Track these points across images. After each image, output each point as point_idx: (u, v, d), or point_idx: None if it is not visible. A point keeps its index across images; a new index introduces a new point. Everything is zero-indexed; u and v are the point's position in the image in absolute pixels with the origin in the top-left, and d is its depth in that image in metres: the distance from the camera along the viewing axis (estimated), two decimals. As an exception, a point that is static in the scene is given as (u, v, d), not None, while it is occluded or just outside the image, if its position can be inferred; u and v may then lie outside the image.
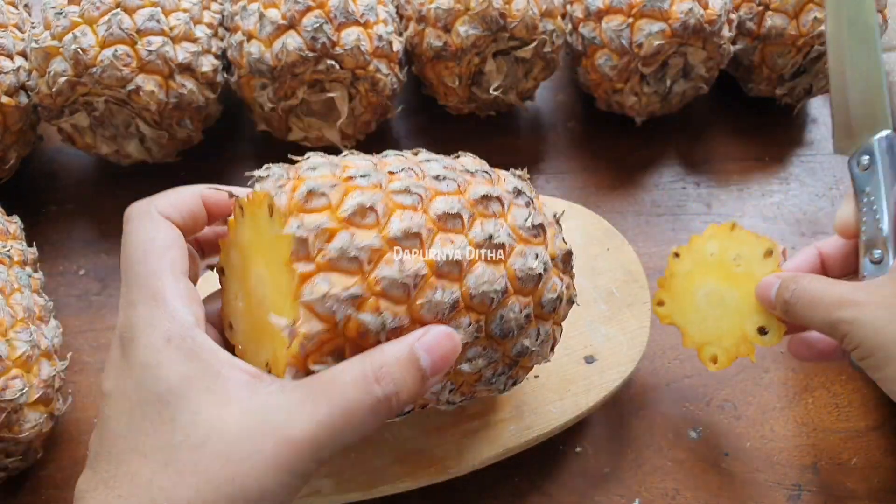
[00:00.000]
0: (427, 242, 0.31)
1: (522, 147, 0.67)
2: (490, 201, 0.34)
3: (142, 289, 0.32)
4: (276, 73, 0.55)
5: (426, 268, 0.31)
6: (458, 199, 0.33)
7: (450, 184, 0.34)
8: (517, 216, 0.35)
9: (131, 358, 0.30)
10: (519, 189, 0.37)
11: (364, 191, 0.31)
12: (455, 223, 0.32)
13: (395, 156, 0.36)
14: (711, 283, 0.47)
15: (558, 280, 0.36)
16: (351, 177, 0.32)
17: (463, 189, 0.34)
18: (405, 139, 0.68)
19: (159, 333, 0.30)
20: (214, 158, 0.65)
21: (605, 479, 0.49)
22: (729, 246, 0.47)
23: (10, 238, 0.51)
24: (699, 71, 0.62)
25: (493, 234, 0.33)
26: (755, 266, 0.46)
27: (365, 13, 0.56)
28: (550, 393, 0.45)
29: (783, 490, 0.49)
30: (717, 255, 0.48)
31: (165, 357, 0.30)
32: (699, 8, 0.57)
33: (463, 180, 0.35)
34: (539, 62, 0.62)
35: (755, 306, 0.46)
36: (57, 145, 0.66)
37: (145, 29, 0.54)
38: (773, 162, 0.67)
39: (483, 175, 0.36)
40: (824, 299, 0.37)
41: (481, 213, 0.34)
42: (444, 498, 0.48)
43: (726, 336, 0.46)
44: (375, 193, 0.31)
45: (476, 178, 0.36)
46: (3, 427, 0.43)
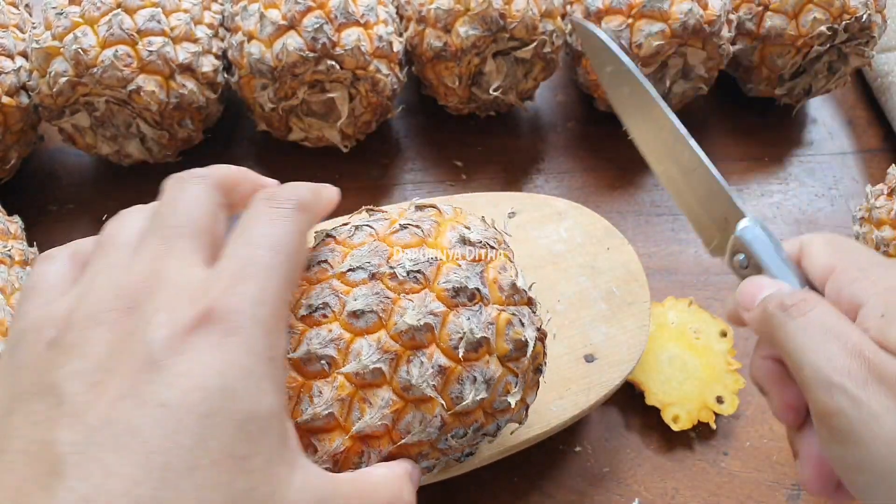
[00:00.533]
0: (349, 409, 0.31)
1: (522, 147, 0.67)
2: (417, 332, 0.31)
3: (271, 280, 0.26)
4: (277, 73, 0.55)
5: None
6: (376, 344, 0.31)
7: (369, 319, 0.31)
8: (452, 334, 0.31)
9: (228, 350, 0.24)
10: (459, 287, 0.32)
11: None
12: (376, 377, 0.31)
13: (318, 265, 0.33)
14: (675, 349, 0.52)
15: (512, 378, 0.34)
16: None
17: (383, 320, 0.31)
18: (405, 139, 0.68)
19: (268, 343, 0.26)
20: (215, 158, 0.65)
21: (605, 479, 0.49)
22: (688, 320, 0.53)
23: (10, 238, 0.51)
24: (699, 71, 0.62)
25: (413, 384, 0.31)
26: (713, 341, 0.52)
27: (365, 14, 0.56)
28: (550, 392, 0.45)
29: (783, 490, 0.49)
30: (677, 324, 0.53)
31: (266, 376, 0.25)
32: (698, 8, 0.57)
33: (384, 304, 0.31)
34: (539, 62, 0.62)
35: (714, 376, 0.51)
36: (57, 145, 0.66)
37: (146, 29, 0.54)
38: (772, 162, 0.67)
39: (413, 279, 0.32)
40: (841, 350, 0.28)
41: (409, 345, 0.31)
42: (444, 498, 0.48)
43: (688, 399, 0.50)
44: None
45: (404, 287, 0.32)
46: (4, 426, 0.43)
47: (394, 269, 0.31)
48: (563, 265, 0.51)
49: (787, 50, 0.62)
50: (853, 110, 0.71)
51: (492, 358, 0.32)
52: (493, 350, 0.32)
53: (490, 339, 0.32)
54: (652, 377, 0.51)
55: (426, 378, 0.30)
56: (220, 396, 0.23)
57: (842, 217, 0.63)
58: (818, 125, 0.70)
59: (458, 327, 0.31)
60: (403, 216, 0.35)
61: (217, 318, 0.24)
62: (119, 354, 0.24)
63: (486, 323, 0.32)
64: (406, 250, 0.32)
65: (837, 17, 0.59)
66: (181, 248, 0.27)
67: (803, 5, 0.60)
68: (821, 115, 0.71)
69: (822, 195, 0.65)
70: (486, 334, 0.31)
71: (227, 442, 0.23)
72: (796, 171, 0.66)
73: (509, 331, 0.32)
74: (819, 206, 0.64)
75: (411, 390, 0.30)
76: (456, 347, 0.31)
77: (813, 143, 0.68)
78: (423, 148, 0.67)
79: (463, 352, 0.31)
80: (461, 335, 0.31)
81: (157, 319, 0.24)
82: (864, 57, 0.63)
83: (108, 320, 0.25)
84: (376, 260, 0.32)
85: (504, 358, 0.33)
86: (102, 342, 0.24)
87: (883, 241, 0.52)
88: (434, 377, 0.30)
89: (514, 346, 0.33)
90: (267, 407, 0.25)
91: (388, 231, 0.34)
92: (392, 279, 0.31)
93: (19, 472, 0.22)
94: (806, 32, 0.60)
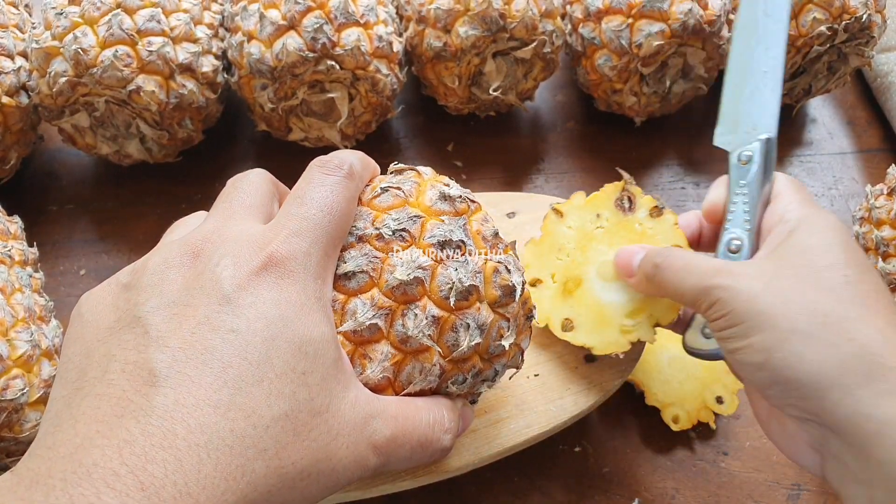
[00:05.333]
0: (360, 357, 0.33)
1: (522, 147, 0.67)
2: (409, 285, 0.32)
3: (321, 239, 0.31)
4: (277, 73, 0.55)
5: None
6: (370, 301, 0.32)
7: (360, 279, 0.32)
8: (441, 285, 0.32)
9: (284, 289, 0.29)
10: (444, 240, 0.33)
11: None
12: (373, 333, 0.32)
13: None
14: (674, 349, 0.51)
15: (504, 323, 0.35)
16: None
17: (374, 279, 0.33)
18: (405, 139, 0.68)
19: (316, 287, 0.30)
20: (214, 158, 0.65)
21: (605, 479, 0.49)
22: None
23: (10, 238, 0.51)
24: (698, 71, 0.62)
25: (411, 335, 0.32)
26: None
27: (365, 14, 0.56)
28: (550, 392, 0.45)
29: (782, 489, 0.49)
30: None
31: (316, 310, 0.30)
32: (698, 8, 0.57)
33: (374, 263, 0.33)
34: (539, 62, 0.62)
35: (714, 377, 0.50)
36: (57, 145, 0.66)
37: (146, 29, 0.54)
38: (772, 162, 0.67)
39: (400, 237, 0.33)
40: (700, 267, 0.36)
41: (402, 299, 0.32)
42: (444, 497, 0.48)
43: (688, 400, 0.50)
44: None
45: (391, 246, 0.33)
46: (4, 427, 0.43)
47: (379, 229, 0.33)
48: (563, 265, 0.51)
49: (787, 50, 0.62)
50: (853, 110, 0.71)
51: (482, 304, 0.33)
52: (483, 297, 0.33)
53: (479, 287, 0.33)
54: (652, 377, 0.51)
55: (421, 329, 0.32)
56: (280, 323, 0.28)
57: (842, 217, 0.63)
58: (818, 125, 0.70)
59: (448, 278, 0.32)
60: (384, 180, 0.36)
61: (275, 263, 0.29)
62: (191, 291, 0.28)
63: (474, 272, 0.33)
64: (390, 212, 0.33)
65: (837, 17, 0.59)
66: (241, 215, 0.32)
67: (803, 5, 0.60)
68: (821, 115, 0.71)
69: (822, 195, 0.65)
70: (474, 282, 0.33)
71: (287, 359, 0.28)
72: (796, 170, 0.66)
73: (496, 278, 0.34)
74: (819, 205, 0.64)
75: (409, 342, 0.32)
76: (447, 297, 0.32)
77: (813, 143, 0.68)
78: (423, 148, 0.67)
79: (454, 301, 0.32)
80: (451, 285, 0.32)
81: (224, 262, 0.29)
82: (864, 57, 0.63)
83: (178, 264, 0.30)
84: (361, 223, 0.33)
85: (494, 304, 0.34)
86: (176, 282, 0.29)
87: (883, 240, 0.52)
88: (429, 327, 0.32)
89: (503, 292, 0.34)
90: (319, 334, 0.29)
91: (371, 196, 0.35)
92: (379, 240, 0.33)
93: (120, 386, 0.26)
94: (806, 32, 0.60)
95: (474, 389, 0.36)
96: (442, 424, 0.33)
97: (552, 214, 0.47)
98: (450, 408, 0.34)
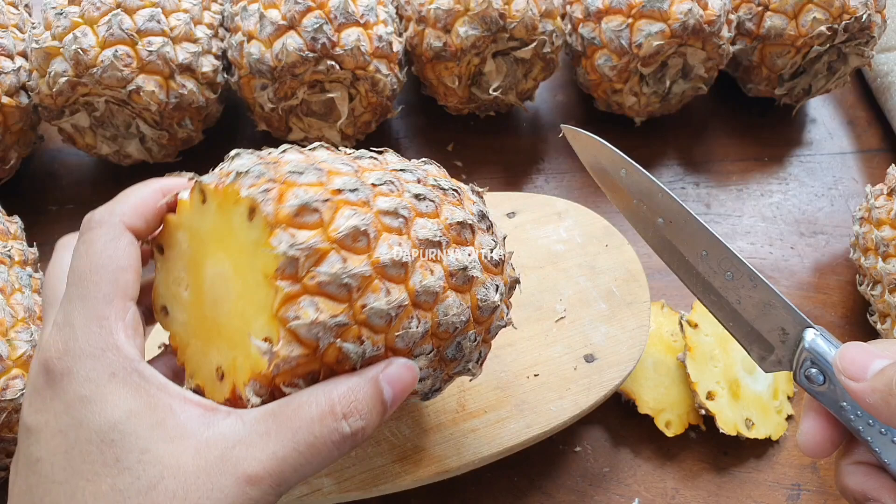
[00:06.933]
0: (411, 270, 0.30)
1: (522, 147, 0.67)
2: (464, 228, 0.33)
3: (87, 310, 0.28)
4: (277, 73, 0.55)
5: (408, 298, 0.30)
6: (438, 224, 0.32)
7: (428, 205, 0.33)
8: (483, 245, 0.34)
9: (66, 391, 0.27)
10: (483, 213, 0.36)
11: (356, 210, 0.29)
12: (434, 251, 0.32)
13: (370, 159, 0.35)
14: (657, 353, 0.52)
15: (506, 308, 0.37)
16: (339, 190, 0.30)
17: (438, 211, 0.33)
18: (405, 139, 0.68)
19: (103, 366, 0.27)
20: (214, 158, 0.65)
21: (605, 479, 0.49)
22: (662, 323, 0.53)
23: (10, 238, 0.51)
24: (698, 71, 0.62)
25: (468, 265, 0.32)
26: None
27: (365, 14, 0.56)
28: (550, 392, 0.45)
29: (782, 489, 0.49)
30: (654, 329, 0.53)
31: (109, 391, 0.27)
32: (698, 8, 0.57)
33: (437, 199, 0.33)
34: (539, 62, 0.62)
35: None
36: (57, 145, 0.66)
37: (146, 29, 0.54)
38: (772, 162, 0.67)
39: (452, 194, 0.35)
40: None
41: (455, 239, 0.33)
42: (444, 497, 0.48)
43: (678, 403, 0.51)
44: (366, 215, 0.30)
45: (448, 197, 0.34)
46: (4, 427, 0.43)
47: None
48: (563, 265, 0.51)
49: (787, 50, 0.62)
50: (853, 110, 0.71)
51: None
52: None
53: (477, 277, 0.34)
54: (641, 384, 0.51)
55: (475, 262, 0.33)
56: (74, 430, 0.27)
57: (842, 217, 0.63)
58: (818, 125, 0.70)
59: (459, 262, 0.32)
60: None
61: (50, 369, 0.28)
62: (20, 435, 0.28)
63: (472, 261, 0.33)
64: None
65: (837, 17, 0.59)
66: (46, 315, 0.31)
67: (803, 5, 0.60)
68: (821, 115, 0.71)
69: (822, 195, 0.65)
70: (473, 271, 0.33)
71: (93, 458, 0.26)
72: (796, 171, 0.66)
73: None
74: (819, 206, 0.64)
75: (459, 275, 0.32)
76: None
77: (813, 143, 0.68)
78: (423, 148, 0.67)
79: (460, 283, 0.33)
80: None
81: (25, 391, 0.29)
82: (864, 57, 0.63)
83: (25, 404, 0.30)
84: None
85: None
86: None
87: (883, 241, 0.52)
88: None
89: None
90: (121, 413, 0.27)
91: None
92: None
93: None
94: (806, 32, 0.60)
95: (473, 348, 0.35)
96: (334, 412, 0.28)
97: (688, 328, 0.51)
98: (352, 385, 0.29)
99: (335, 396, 0.28)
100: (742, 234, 0.62)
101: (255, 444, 0.27)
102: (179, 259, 0.32)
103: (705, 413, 0.49)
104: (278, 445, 0.27)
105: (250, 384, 0.28)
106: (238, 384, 0.29)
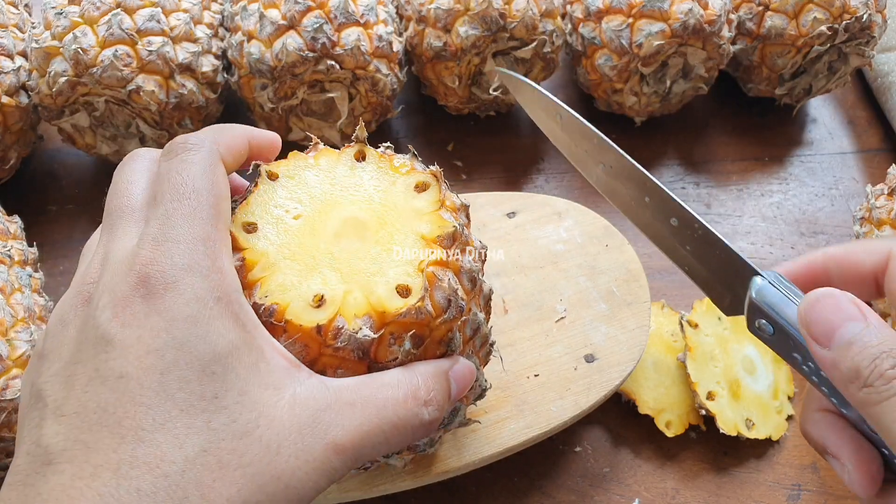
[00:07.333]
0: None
1: (522, 147, 0.67)
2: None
3: (192, 228, 0.26)
4: (277, 73, 0.55)
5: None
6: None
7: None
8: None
9: (168, 307, 0.25)
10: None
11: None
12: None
13: None
14: (657, 353, 0.52)
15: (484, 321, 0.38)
16: None
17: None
18: (405, 139, 0.68)
19: (210, 287, 0.26)
20: (214, 158, 0.65)
21: (605, 479, 0.49)
22: (662, 322, 0.54)
23: (10, 238, 0.51)
24: (699, 71, 0.62)
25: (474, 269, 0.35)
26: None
27: (365, 13, 0.56)
28: (550, 392, 0.45)
29: (783, 490, 0.49)
30: (654, 328, 0.53)
31: (215, 316, 0.25)
32: (699, 8, 0.57)
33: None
34: (539, 62, 0.62)
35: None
36: (57, 145, 0.66)
37: (145, 29, 0.54)
38: (772, 162, 0.67)
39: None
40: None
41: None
42: (444, 497, 0.48)
43: (678, 403, 0.50)
44: None
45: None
46: (4, 427, 0.43)
47: None
48: (563, 265, 0.51)
49: (787, 50, 0.62)
50: (853, 110, 0.71)
51: None
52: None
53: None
54: (641, 385, 0.51)
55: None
56: (173, 351, 0.24)
57: (842, 217, 0.63)
58: (818, 125, 0.70)
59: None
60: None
61: (149, 281, 0.25)
62: (81, 344, 0.25)
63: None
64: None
65: (837, 17, 0.59)
66: (121, 228, 0.28)
67: (803, 5, 0.60)
68: (821, 115, 0.71)
69: (822, 195, 0.65)
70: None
71: (191, 389, 0.24)
72: (796, 171, 0.66)
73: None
74: (819, 205, 0.64)
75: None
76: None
77: (813, 143, 0.68)
78: (423, 148, 0.67)
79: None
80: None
81: (102, 300, 0.26)
82: (864, 57, 0.63)
83: (72, 319, 0.27)
84: None
85: None
86: (71, 339, 0.26)
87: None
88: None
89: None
90: (225, 344, 0.25)
91: None
92: None
93: (24, 469, 0.24)
94: (806, 32, 0.60)
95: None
96: (417, 397, 0.28)
97: (689, 328, 0.51)
98: (431, 374, 0.29)
99: (419, 382, 0.29)
100: (742, 234, 0.62)
101: (343, 412, 0.26)
102: (300, 189, 0.34)
103: (705, 413, 0.49)
104: (364, 419, 0.26)
105: (364, 318, 0.29)
106: (345, 315, 0.29)
